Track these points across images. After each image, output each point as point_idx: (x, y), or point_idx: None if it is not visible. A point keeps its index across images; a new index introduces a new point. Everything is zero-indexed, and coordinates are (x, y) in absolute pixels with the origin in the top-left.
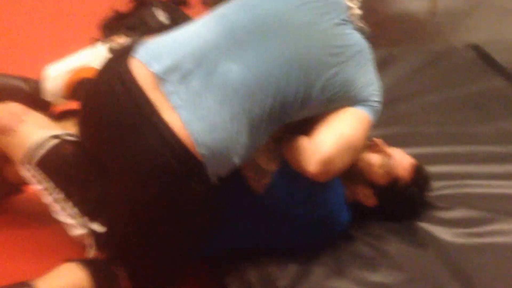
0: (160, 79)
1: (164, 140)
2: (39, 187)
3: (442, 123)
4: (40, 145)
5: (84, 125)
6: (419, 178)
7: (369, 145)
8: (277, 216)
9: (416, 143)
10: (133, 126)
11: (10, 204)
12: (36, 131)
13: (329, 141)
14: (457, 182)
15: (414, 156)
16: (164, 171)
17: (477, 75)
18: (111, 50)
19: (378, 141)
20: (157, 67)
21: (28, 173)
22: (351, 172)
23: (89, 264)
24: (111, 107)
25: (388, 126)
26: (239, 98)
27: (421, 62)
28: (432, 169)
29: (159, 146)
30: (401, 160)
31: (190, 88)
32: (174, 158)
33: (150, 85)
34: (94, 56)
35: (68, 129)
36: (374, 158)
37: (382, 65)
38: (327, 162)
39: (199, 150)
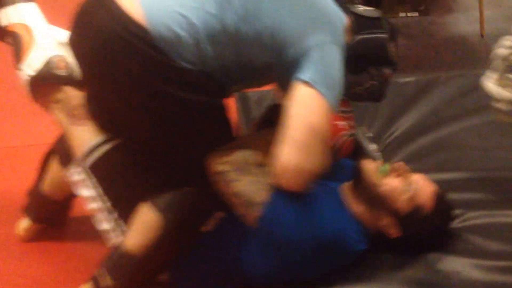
0: None
1: (113, 16)
2: (86, 194)
3: (485, 148)
4: (94, 148)
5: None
6: (442, 206)
7: (391, 169)
8: (276, 246)
9: (457, 167)
10: (92, 13)
11: None
12: (93, 134)
13: (281, 151)
14: (496, 211)
15: (452, 181)
16: (114, 41)
17: None
18: None
19: (400, 165)
20: None
21: (78, 177)
22: (373, 198)
23: None
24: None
25: (429, 150)
26: None
27: (466, 86)
28: (470, 196)
29: (108, 22)
30: (424, 186)
31: None
32: (122, 29)
33: None
34: None
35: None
36: (396, 184)
37: (426, 89)
38: (286, 170)
39: (146, 20)
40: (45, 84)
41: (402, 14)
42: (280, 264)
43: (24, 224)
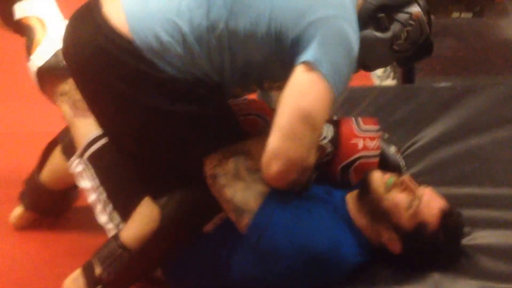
0: None
1: (98, 28)
2: (86, 185)
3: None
4: (94, 140)
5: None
6: (449, 225)
7: (396, 184)
8: (263, 256)
9: (480, 182)
10: (80, 26)
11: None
12: (95, 126)
13: (271, 139)
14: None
15: (471, 196)
16: (99, 54)
17: None
18: None
19: (407, 178)
20: None
21: (78, 168)
22: (376, 211)
23: None
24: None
25: (453, 162)
26: None
27: (505, 96)
28: (486, 213)
29: (92, 34)
30: (430, 202)
31: None
32: (107, 42)
33: None
34: None
35: None
36: (400, 198)
37: (461, 96)
38: (270, 158)
39: (130, 30)
40: (52, 75)
41: (455, 15)
42: (268, 274)
43: (17, 211)
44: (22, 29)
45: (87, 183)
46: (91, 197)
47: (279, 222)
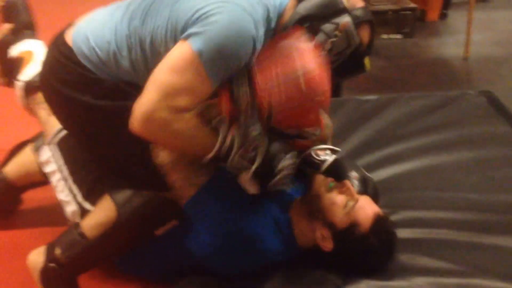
0: None
1: (55, 45)
2: (53, 167)
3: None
4: (60, 129)
5: None
6: (381, 229)
7: (337, 186)
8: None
9: (400, 186)
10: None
11: None
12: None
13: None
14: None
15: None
16: (52, 63)
17: (482, 119)
18: None
19: (348, 183)
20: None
21: (47, 154)
22: (312, 208)
23: None
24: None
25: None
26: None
27: (427, 107)
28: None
29: (51, 49)
30: (365, 206)
31: None
32: (56, 50)
33: None
34: None
35: None
36: (338, 198)
37: (384, 107)
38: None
39: (72, 41)
40: (34, 88)
41: (384, 36)
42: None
43: None
44: (13, 62)
45: (53, 165)
46: (55, 178)
47: (211, 206)
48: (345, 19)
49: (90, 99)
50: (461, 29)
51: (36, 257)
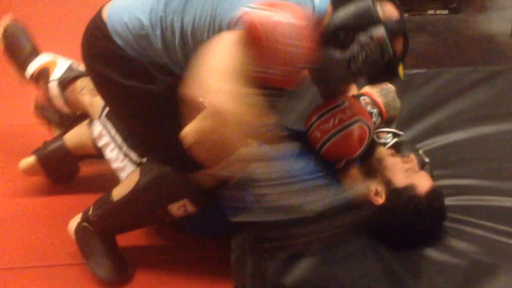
0: None
1: (93, 19)
2: (106, 140)
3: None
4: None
5: None
6: (434, 197)
7: (403, 159)
8: None
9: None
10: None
11: None
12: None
13: None
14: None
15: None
16: (90, 37)
17: None
18: None
19: (412, 156)
20: None
21: (99, 128)
22: (374, 169)
23: None
24: None
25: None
26: None
27: (472, 80)
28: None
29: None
30: (424, 177)
31: None
32: (92, 24)
33: None
34: None
35: None
36: (400, 162)
37: (430, 81)
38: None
39: (107, 16)
40: (70, 81)
41: (430, 12)
42: None
43: (29, 160)
44: (36, 76)
45: (105, 138)
46: (108, 149)
47: None
48: (380, 32)
49: (118, 77)
50: (509, 5)
51: (75, 221)
